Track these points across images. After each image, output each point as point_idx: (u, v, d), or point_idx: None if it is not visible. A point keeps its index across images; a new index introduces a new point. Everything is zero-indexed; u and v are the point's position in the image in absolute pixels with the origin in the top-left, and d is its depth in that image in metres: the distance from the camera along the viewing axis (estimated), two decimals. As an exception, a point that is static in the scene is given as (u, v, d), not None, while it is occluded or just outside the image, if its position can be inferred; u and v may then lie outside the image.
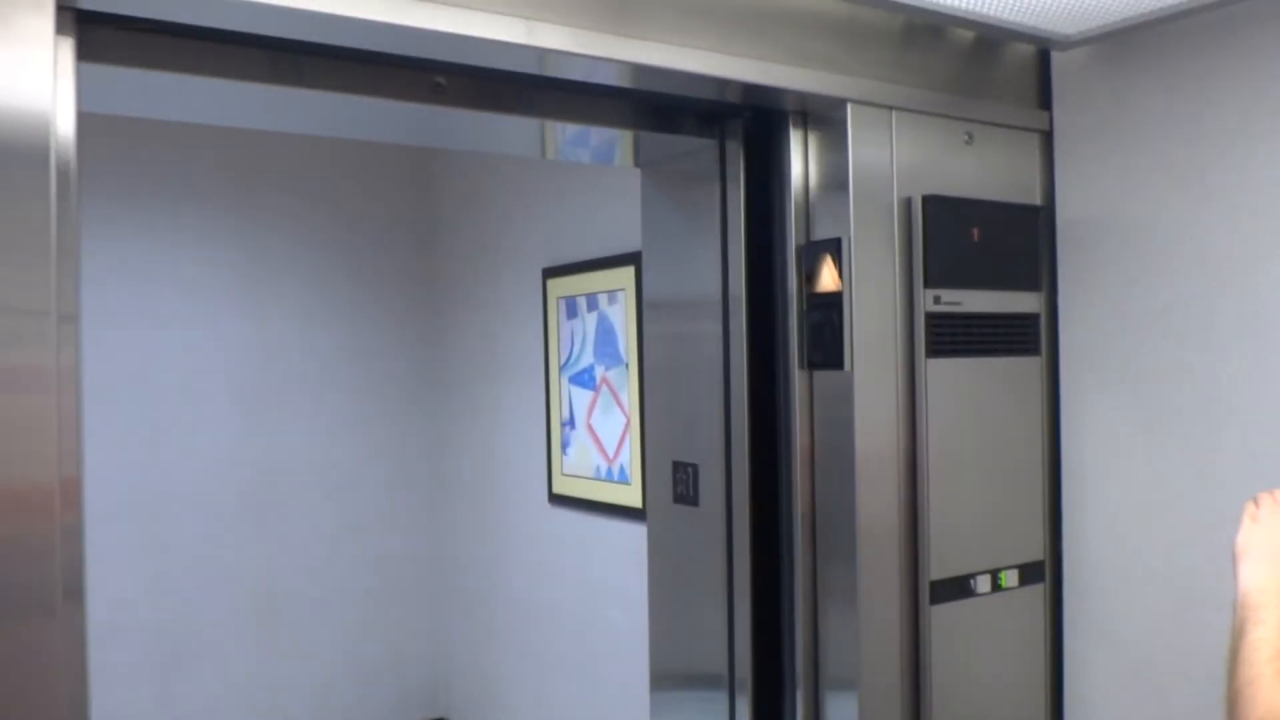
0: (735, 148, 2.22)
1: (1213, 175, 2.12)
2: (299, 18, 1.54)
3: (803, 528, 2.15)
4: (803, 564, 2.14)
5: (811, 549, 2.17)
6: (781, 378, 2.17)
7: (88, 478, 1.45)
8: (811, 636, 2.14)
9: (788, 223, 2.13)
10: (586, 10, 1.78)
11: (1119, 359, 2.27)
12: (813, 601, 2.15)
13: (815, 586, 2.17)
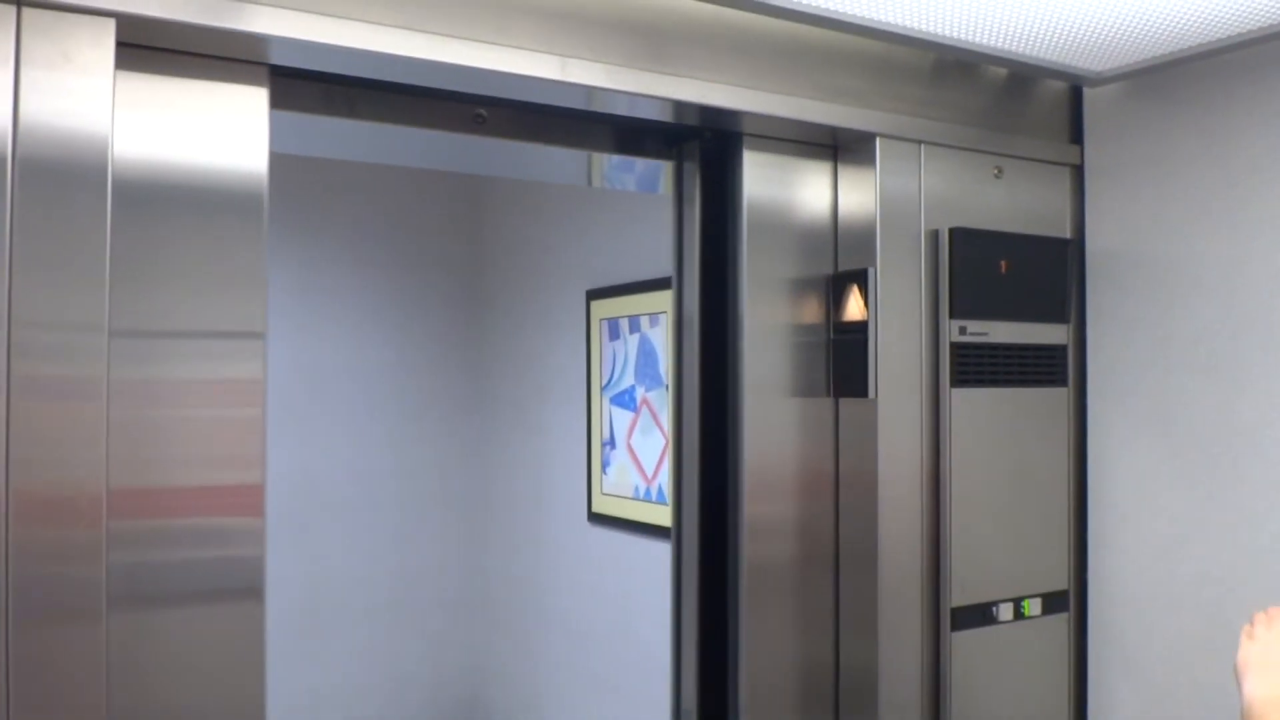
0: (693, 170, 2.23)
1: (1241, 212, 2.14)
2: (352, 56, 1.64)
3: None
4: (749, 591, 2.12)
5: (834, 572, 2.21)
6: (731, 402, 2.15)
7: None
8: (758, 667, 2.14)
9: (740, 245, 2.14)
10: (619, 48, 1.86)
11: (1146, 391, 2.29)
12: (763, 629, 2.14)
13: (837, 614, 2.21)
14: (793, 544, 2.18)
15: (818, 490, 2.21)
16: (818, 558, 2.21)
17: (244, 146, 1.63)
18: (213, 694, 1.62)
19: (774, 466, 2.15)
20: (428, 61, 1.67)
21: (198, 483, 1.62)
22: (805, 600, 2.19)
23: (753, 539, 2.11)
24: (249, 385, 1.63)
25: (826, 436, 2.21)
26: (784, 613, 2.16)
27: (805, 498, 2.19)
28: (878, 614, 2.12)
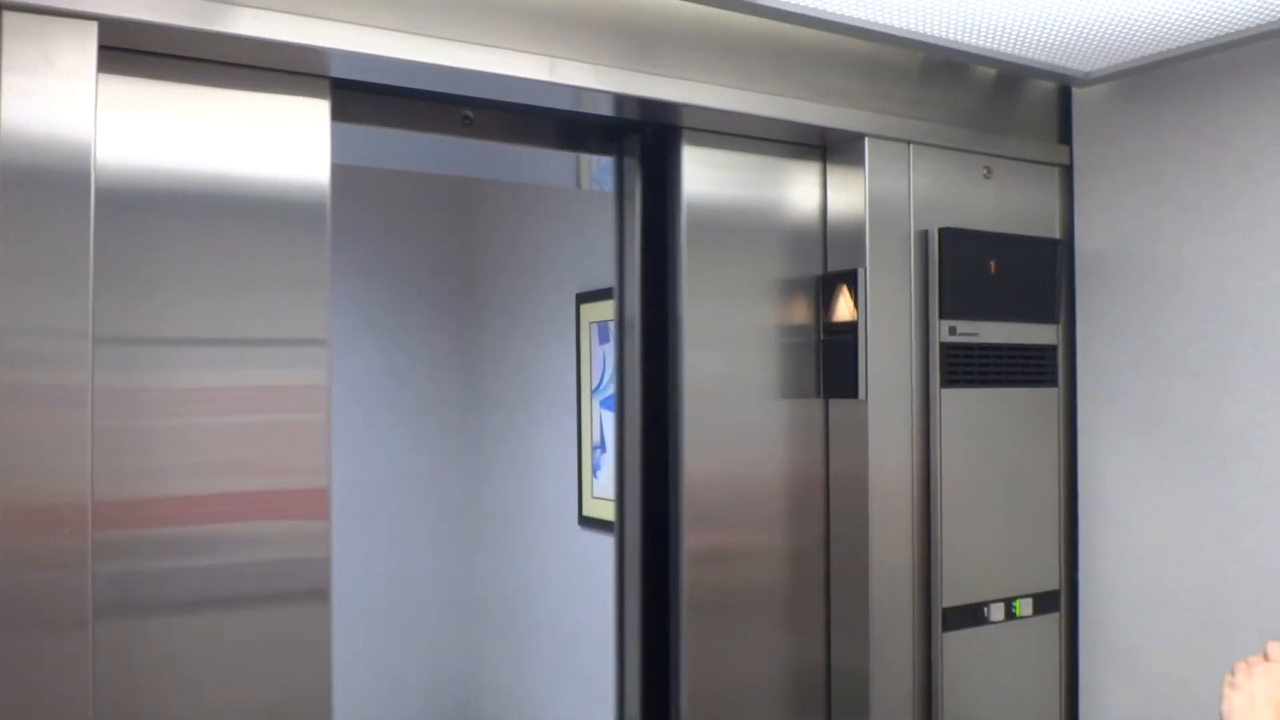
0: (633, 166, 2.18)
1: (1230, 212, 2.14)
2: (346, 58, 1.63)
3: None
4: (689, 598, 2.06)
5: (826, 574, 2.21)
6: (673, 402, 2.08)
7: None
8: (702, 670, 2.08)
9: (679, 239, 2.08)
10: (607, 49, 1.85)
11: (1136, 391, 2.29)
12: (707, 632, 2.08)
13: (829, 613, 2.21)
14: (763, 548, 2.17)
15: (787, 492, 2.19)
16: (791, 562, 2.20)
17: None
18: (281, 694, 1.68)
19: (730, 470, 2.12)
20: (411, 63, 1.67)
21: (265, 487, 1.67)
22: (776, 605, 2.18)
23: (695, 548, 2.06)
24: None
25: (808, 439, 2.20)
26: (731, 625, 2.11)
27: (776, 500, 2.17)
28: (869, 615, 2.12)
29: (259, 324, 1.66)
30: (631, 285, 2.16)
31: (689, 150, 2.06)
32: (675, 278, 2.07)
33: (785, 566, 2.18)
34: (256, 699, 1.65)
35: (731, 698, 2.12)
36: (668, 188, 2.09)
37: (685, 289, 2.05)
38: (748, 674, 2.14)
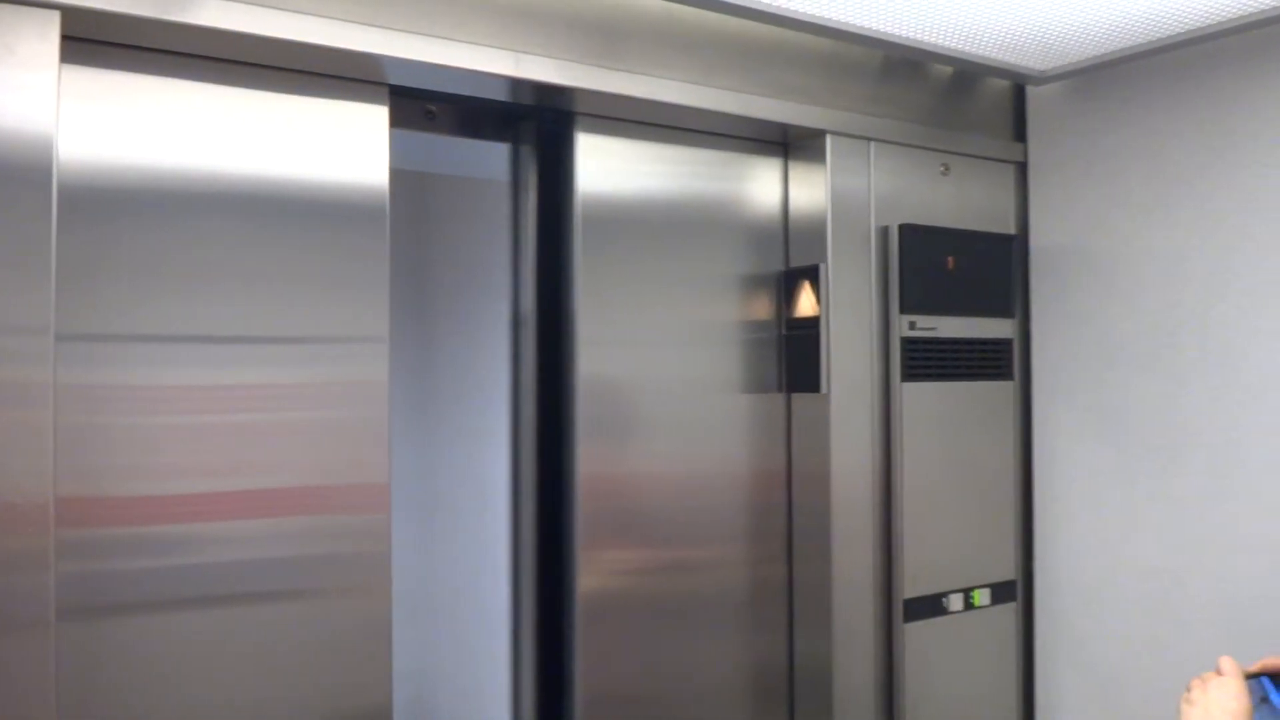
0: (529, 154, 2.11)
1: (1179, 209, 2.19)
2: (305, 50, 1.61)
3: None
4: (582, 592, 2.00)
5: (788, 569, 2.23)
6: (567, 397, 2.03)
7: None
8: (594, 668, 2.03)
9: (574, 233, 2.01)
10: (574, 45, 1.85)
11: (1089, 384, 2.34)
12: (597, 628, 2.03)
13: (792, 608, 2.23)
14: (719, 543, 2.18)
15: (745, 487, 2.20)
16: (751, 557, 2.22)
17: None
18: (341, 679, 1.75)
19: (674, 468, 2.11)
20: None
21: (324, 482, 1.73)
22: (734, 601, 2.19)
23: (588, 546, 2.01)
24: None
25: (770, 433, 2.22)
26: (623, 625, 2.06)
27: (733, 495, 2.18)
28: (832, 608, 2.14)
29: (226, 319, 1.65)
30: (526, 280, 2.10)
31: (583, 139, 2.00)
32: (569, 272, 2.01)
33: (744, 562, 2.19)
34: (225, 700, 1.65)
35: (662, 698, 2.11)
36: (560, 179, 2.04)
37: (579, 284, 1.99)
38: (703, 673, 2.14)
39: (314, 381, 1.72)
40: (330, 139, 1.72)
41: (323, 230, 1.72)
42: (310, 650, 1.71)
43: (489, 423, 1.98)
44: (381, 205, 1.77)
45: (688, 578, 2.12)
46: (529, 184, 2.07)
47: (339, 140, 1.72)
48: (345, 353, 1.75)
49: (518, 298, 2.11)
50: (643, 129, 2.06)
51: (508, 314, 2.10)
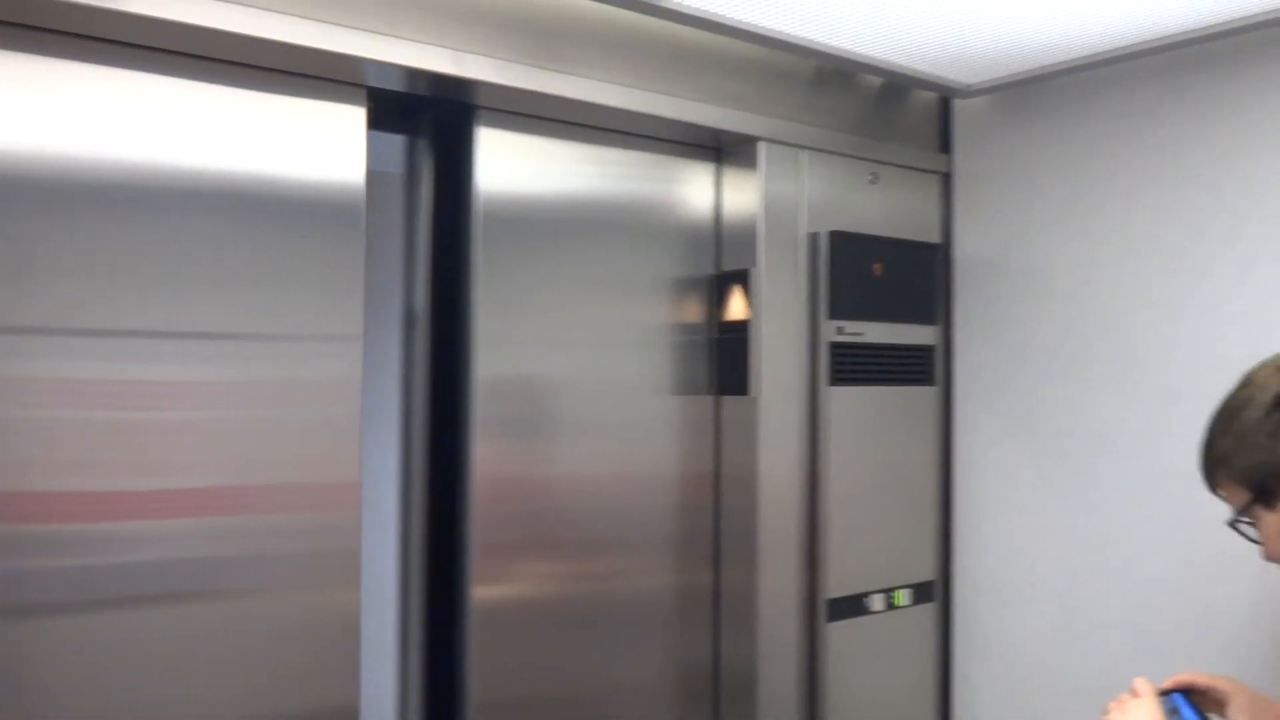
0: (424, 148, 2.05)
1: (1096, 222, 2.26)
2: (236, 41, 1.59)
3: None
4: (477, 598, 1.95)
5: (715, 568, 2.26)
6: (463, 397, 1.96)
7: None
8: (489, 674, 1.97)
9: (473, 230, 1.96)
10: (513, 45, 1.86)
11: (1008, 390, 2.40)
12: (494, 635, 1.99)
13: (717, 608, 2.25)
14: (644, 546, 2.20)
15: (673, 488, 2.22)
16: (678, 558, 2.25)
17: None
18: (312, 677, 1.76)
19: (595, 469, 2.12)
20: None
21: (298, 480, 1.74)
22: (659, 603, 2.22)
23: (485, 551, 1.97)
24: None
25: (698, 435, 2.25)
26: (528, 631, 2.03)
27: (659, 496, 2.20)
28: (757, 608, 2.17)
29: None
30: (419, 276, 2.03)
31: (484, 134, 1.95)
32: (467, 270, 1.96)
33: (670, 564, 2.21)
34: (194, 698, 1.65)
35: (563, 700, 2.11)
36: (460, 173, 1.99)
37: (477, 282, 1.95)
38: (624, 678, 2.15)
39: (289, 378, 1.73)
40: (307, 140, 1.73)
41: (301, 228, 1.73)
42: (280, 648, 1.72)
43: (376, 422, 1.94)
44: (358, 204, 1.79)
45: (606, 581, 2.12)
46: (424, 178, 2.02)
47: (316, 141, 1.74)
48: (320, 351, 1.75)
49: (410, 294, 2.05)
50: (558, 127, 2.04)
51: (400, 310, 2.05)
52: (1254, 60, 2.02)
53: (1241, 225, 2.04)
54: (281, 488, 1.72)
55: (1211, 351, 2.07)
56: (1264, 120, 2.01)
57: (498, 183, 1.96)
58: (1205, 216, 2.09)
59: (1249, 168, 2.03)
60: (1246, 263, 2.03)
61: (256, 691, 1.71)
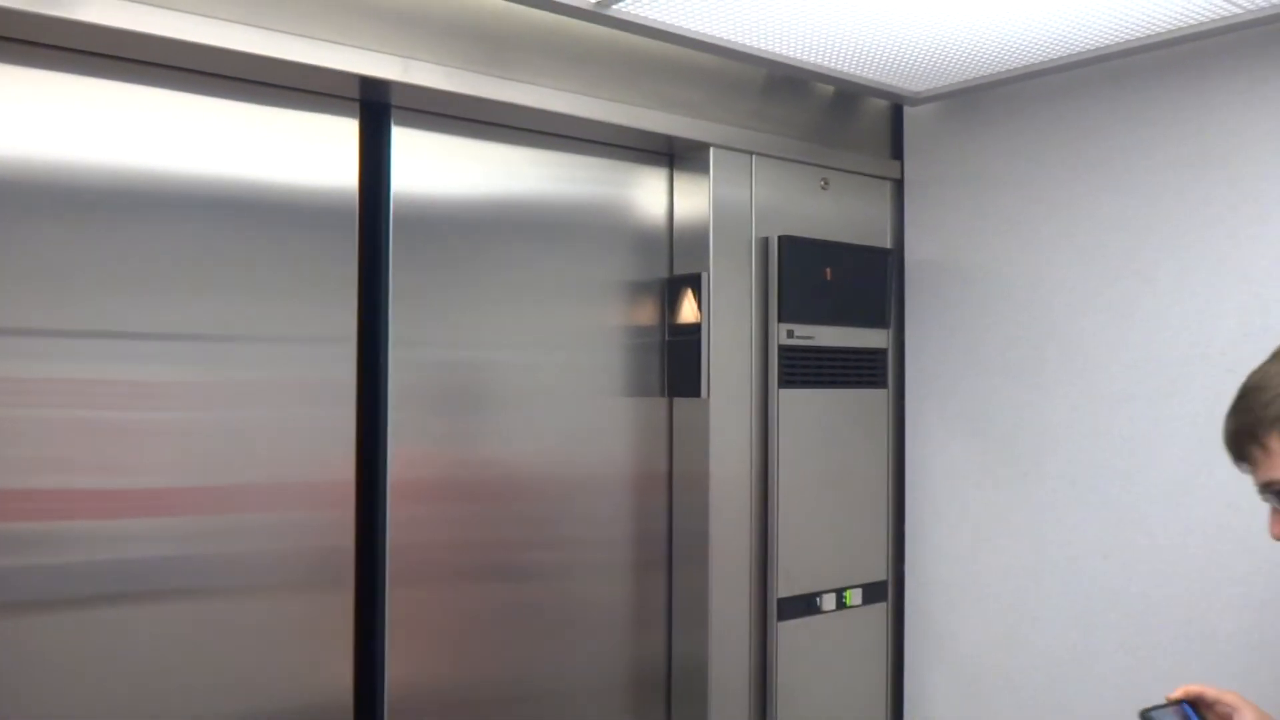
0: None
1: (1044, 227, 2.31)
2: (172, 46, 1.60)
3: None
4: (393, 597, 1.92)
5: (668, 568, 2.28)
6: (384, 409, 1.93)
7: None
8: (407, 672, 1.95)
9: (387, 230, 1.94)
10: (461, 52, 1.89)
11: (959, 393, 2.44)
12: (411, 632, 1.96)
13: (670, 608, 2.28)
14: (597, 546, 2.24)
15: (624, 489, 2.25)
16: (633, 559, 2.28)
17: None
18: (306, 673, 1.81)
19: (541, 470, 2.15)
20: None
21: (289, 479, 1.80)
22: (613, 602, 2.24)
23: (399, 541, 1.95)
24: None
25: (651, 437, 2.28)
26: (458, 627, 2.02)
27: (609, 498, 2.22)
28: (709, 607, 2.20)
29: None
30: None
31: (399, 134, 1.94)
32: (383, 271, 1.93)
33: (622, 564, 2.24)
34: (190, 693, 1.70)
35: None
36: (377, 174, 1.95)
37: (392, 283, 1.93)
38: (573, 676, 2.17)
39: (285, 380, 1.79)
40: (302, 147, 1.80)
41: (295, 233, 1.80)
42: (274, 644, 1.77)
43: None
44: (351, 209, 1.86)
45: (558, 582, 2.15)
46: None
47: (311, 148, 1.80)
48: (316, 353, 1.82)
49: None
50: (502, 131, 2.05)
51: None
52: (1191, 71, 2.07)
53: (1180, 233, 2.08)
54: (277, 487, 1.78)
55: (1154, 355, 2.12)
56: (1201, 130, 2.06)
57: (417, 185, 1.96)
58: (1147, 224, 2.14)
59: (1186, 176, 2.08)
60: (1185, 269, 2.08)
61: (245, 690, 1.75)
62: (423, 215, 1.96)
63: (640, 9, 1.89)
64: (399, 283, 1.92)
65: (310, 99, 1.82)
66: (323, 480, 1.83)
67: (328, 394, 1.84)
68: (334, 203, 1.85)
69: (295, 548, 1.81)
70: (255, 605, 1.77)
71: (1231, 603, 2.00)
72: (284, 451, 1.79)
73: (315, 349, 1.83)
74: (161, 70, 1.67)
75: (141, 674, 1.65)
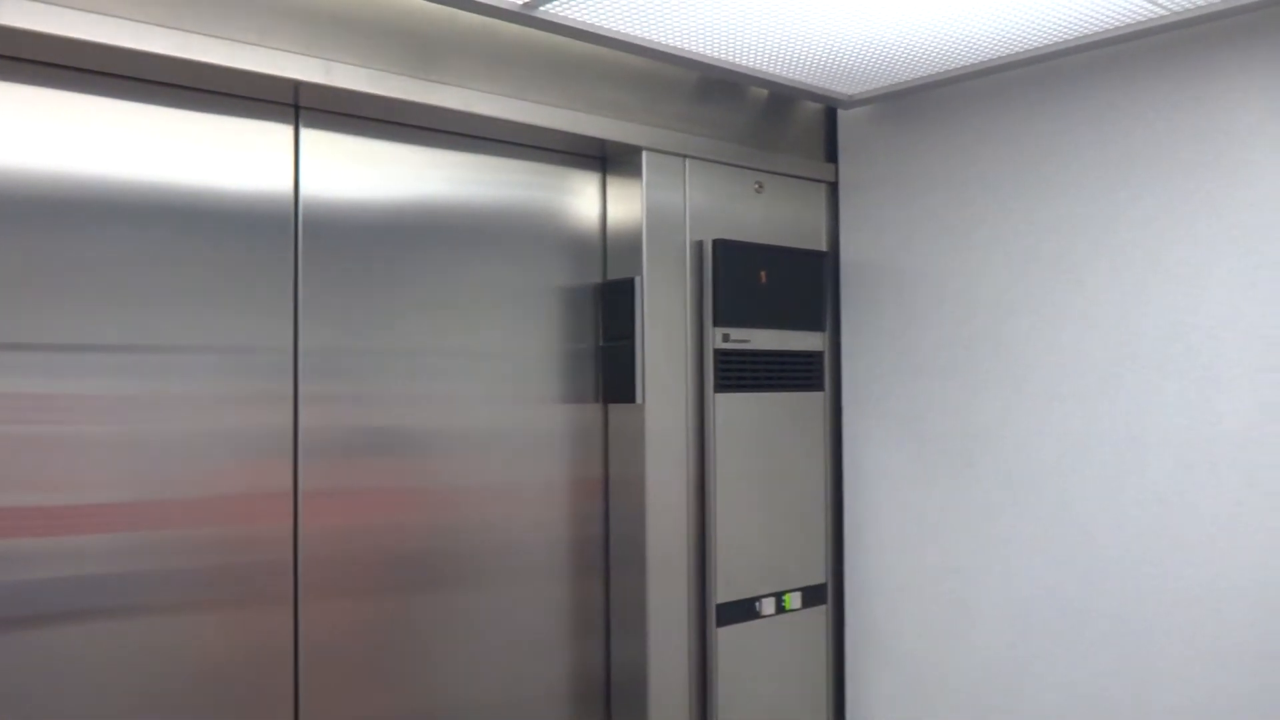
0: None
1: (976, 231, 2.32)
2: (86, 49, 1.56)
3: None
4: (305, 612, 1.88)
5: (605, 575, 2.26)
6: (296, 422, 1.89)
7: None
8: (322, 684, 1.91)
9: (296, 235, 1.89)
10: (388, 55, 1.86)
11: (895, 394, 2.45)
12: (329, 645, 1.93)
13: (609, 614, 2.26)
14: (524, 553, 2.22)
15: (558, 494, 2.24)
16: (570, 564, 2.25)
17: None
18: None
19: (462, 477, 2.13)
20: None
21: (228, 492, 1.77)
22: (548, 610, 2.23)
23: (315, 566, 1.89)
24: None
25: (586, 443, 2.26)
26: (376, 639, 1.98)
27: (541, 504, 2.21)
28: (646, 613, 2.18)
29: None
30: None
31: (307, 135, 1.89)
32: (295, 287, 1.89)
33: (557, 571, 2.22)
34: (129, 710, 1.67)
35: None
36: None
37: (301, 291, 1.89)
38: (506, 687, 2.15)
39: (218, 391, 1.76)
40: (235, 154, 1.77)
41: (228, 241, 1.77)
42: (214, 659, 1.75)
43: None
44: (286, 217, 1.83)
45: (494, 590, 2.12)
46: None
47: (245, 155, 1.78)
48: (251, 363, 1.79)
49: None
50: (421, 133, 2.03)
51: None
52: (1117, 75, 2.09)
53: (1110, 233, 2.10)
54: (212, 501, 1.75)
55: (1084, 354, 2.13)
56: (1129, 132, 2.08)
57: (330, 191, 1.92)
58: (1077, 224, 2.15)
59: (1114, 177, 2.10)
60: (1115, 269, 2.10)
61: (184, 708, 1.72)
62: (338, 221, 1.93)
63: (570, 11, 1.87)
64: (310, 291, 1.88)
65: (233, 103, 1.78)
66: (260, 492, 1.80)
67: (263, 404, 1.81)
68: (262, 210, 1.81)
69: (231, 562, 1.77)
70: (192, 621, 1.73)
71: (1164, 598, 2.01)
72: (221, 463, 1.76)
73: (251, 359, 1.80)
74: (75, 74, 1.63)
75: (70, 695, 1.61)
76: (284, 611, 1.85)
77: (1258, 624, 1.90)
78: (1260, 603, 1.89)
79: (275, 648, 1.83)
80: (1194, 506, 1.98)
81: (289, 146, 1.87)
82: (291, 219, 1.87)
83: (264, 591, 1.82)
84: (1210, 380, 1.96)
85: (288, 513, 1.85)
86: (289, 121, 1.87)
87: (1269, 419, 1.89)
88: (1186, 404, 1.99)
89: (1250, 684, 1.90)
